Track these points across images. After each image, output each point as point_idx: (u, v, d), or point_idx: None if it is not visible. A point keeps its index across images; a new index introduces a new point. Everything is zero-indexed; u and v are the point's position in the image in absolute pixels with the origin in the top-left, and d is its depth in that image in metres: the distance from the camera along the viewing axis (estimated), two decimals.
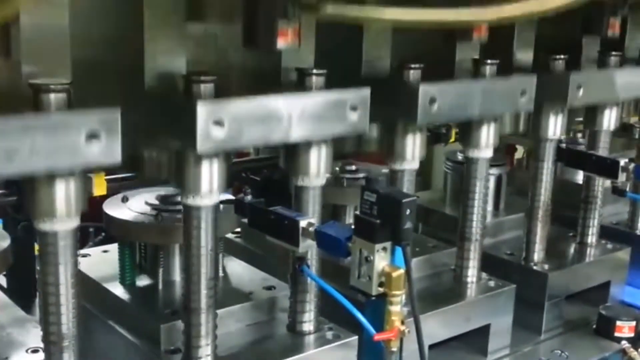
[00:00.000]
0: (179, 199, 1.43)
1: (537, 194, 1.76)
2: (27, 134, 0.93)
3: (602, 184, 1.88)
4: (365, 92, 1.25)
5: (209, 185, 1.17)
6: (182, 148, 1.15)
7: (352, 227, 1.16)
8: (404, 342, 1.18)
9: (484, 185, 1.62)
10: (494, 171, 1.94)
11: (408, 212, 1.10)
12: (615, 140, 1.94)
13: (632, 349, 1.70)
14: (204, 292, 1.22)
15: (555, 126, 1.69)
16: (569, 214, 1.95)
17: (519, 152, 2.61)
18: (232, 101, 1.11)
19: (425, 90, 1.35)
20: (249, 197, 1.34)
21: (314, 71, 1.25)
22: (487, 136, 1.56)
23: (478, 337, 1.62)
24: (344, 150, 1.49)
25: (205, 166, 1.15)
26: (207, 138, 1.08)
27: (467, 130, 1.57)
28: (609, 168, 1.74)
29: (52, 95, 1.00)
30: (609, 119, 1.82)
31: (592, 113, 1.82)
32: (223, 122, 1.09)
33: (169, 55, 1.20)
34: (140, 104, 1.17)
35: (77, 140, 0.97)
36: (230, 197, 1.44)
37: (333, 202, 1.71)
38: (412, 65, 1.39)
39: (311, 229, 1.20)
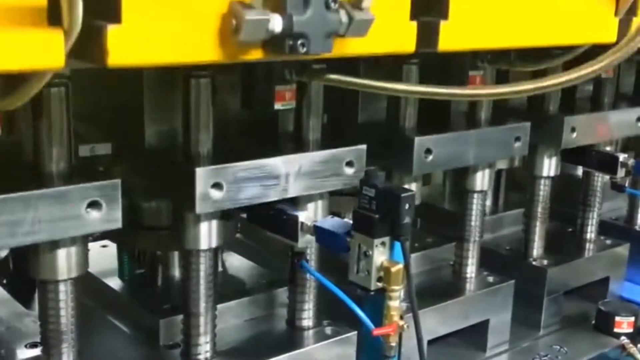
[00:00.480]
0: None
1: (535, 190, 1.76)
2: (29, 207, 0.95)
3: (601, 179, 1.88)
4: (361, 149, 1.27)
5: (208, 240, 1.19)
6: (180, 209, 1.18)
7: (351, 222, 1.16)
8: (402, 338, 1.18)
9: (483, 198, 1.63)
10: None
11: (407, 206, 1.10)
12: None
13: (631, 345, 1.69)
14: (203, 287, 1.22)
15: (549, 166, 1.73)
16: (567, 210, 1.95)
17: None
18: (231, 166, 1.13)
19: (420, 142, 1.37)
20: None
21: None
22: (482, 179, 1.58)
23: (477, 333, 1.62)
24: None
25: (204, 224, 1.18)
26: (206, 200, 1.11)
27: (462, 173, 1.59)
28: (608, 163, 1.74)
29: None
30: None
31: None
32: (222, 186, 1.12)
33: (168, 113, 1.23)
34: (140, 163, 1.22)
35: (79, 210, 0.99)
36: None
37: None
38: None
39: (310, 224, 1.20)
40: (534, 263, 1.77)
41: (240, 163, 1.14)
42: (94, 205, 1.00)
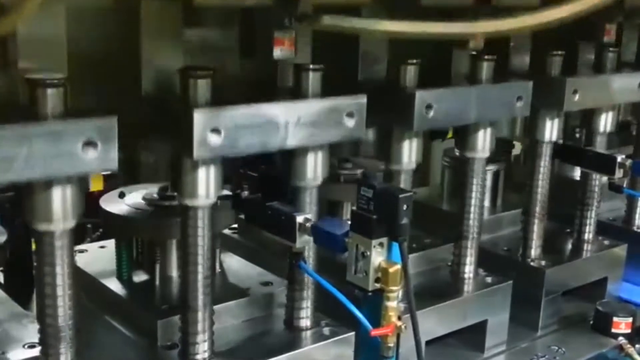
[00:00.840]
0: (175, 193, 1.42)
1: (534, 190, 1.76)
2: (24, 142, 0.94)
3: (599, 180, 1.88)
4: (362, 99, 1.26)
5: (206, 190, 1.17)
6: (178, 154, 1.15)
7: (349, 222, 1.16)
8: (400, 338, 1.19)
9: (482, 183, 1.62)
10: (492, 167, 1.95)
11: (405, 207, 1.10)
12: (612, 137, 1.93)
13: (628, 345, 1.70)
14: (200, 288, 1.22)
15: (551, 130, 1.71)
16: (566, 210, 1.95)
17: (517, 149, 2.60)
18: (229, 109, 1.11)
19: (421, 97, 1.36)
20: (246, 193, 1.34)
21: (311, 66, 1.25)
22: (484, 140, 1.57)
23: (475, 333, 1.62)
24: (341, 154, 1.50)
25: (201, 172, 1.16)
26: (204, 145, 1.09)
27: (463, 134, 1.58)
28: (606, 164, 1.74)
29: (49, 91, 0.99)
30: (605, 122, 1.82)
31: (588, 115, 1.82)
32: (220, 130, 1.10)
33: (166, 60, 1.21)
34: (137, 107, 1.19)
35: (74, 148, 0.98)
36: (227, 192, 1.44)
37: (329, 198, 1.71)
38: (409, 61, 1.39)
39: (308, 224, 1.20)
40: (532, 264, 1.77)
41: (240, 107, 1.12)
42: (89, 144, 0.98)
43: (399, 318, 1.15)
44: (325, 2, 1.18)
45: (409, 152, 1.44)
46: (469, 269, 1.65)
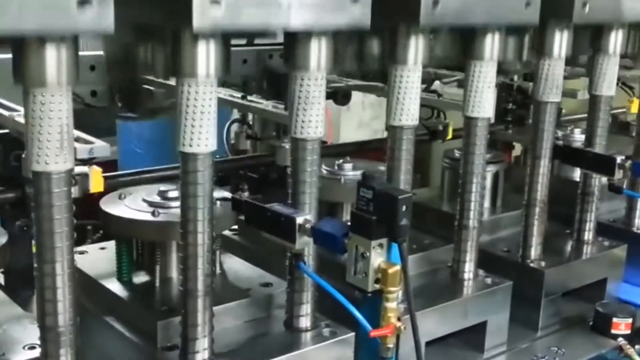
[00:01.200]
0: (175, 194, 1.43)
1: (533, 191, 1.76)
2: None
3: (598, 180, 1.88)
4: None
5: (206, 69, 1.13)
6: (177, 27, 1.12)
7: (349, 223, 1.17)
8: (400, 339, 1.19)
9: (484, 148, 1.60)
10: (491, 168, 1.95)
11: (404, 208, 1.11)
12: (612, 139, 1.93)
13: (628, 346, 1.70)
14: (200, 288, 1.23)
15: (560, 44, 1.65)
16: (565, 211, 1.95)
17: (517, 150, 2.61)
18: None
19: None
20: (245, 195, 1.34)
21: None
22: (492, 48, 1.51)
23: (475, 334, 1.62)
24: (345, 66, 1.45)
25: (202, 47, 1.12)
26: (204, 15, 1.05)
27: (470, 42, 1.53)
28: (605, 165, 1.74)
29: None
30: (615, 42, 1.77)
31: (597, 36, 1.77)
32: (220, 0, 1.06)
33: None
34: None
35: (69, 3, 0.96)
36: (227, 194, 1.44)
37: (330, 199, 1.71)
38: None
39: (308, 225, 1.21)
40: (531, 264, 1.77)
41: None
42: (85, 2, 0.96)
43: (399, 319, 1.15)
44: None
45: (416, 49, 1.39)
46: (468, 270, 1.65)
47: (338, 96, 2.29)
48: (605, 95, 1.83)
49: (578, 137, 2.19)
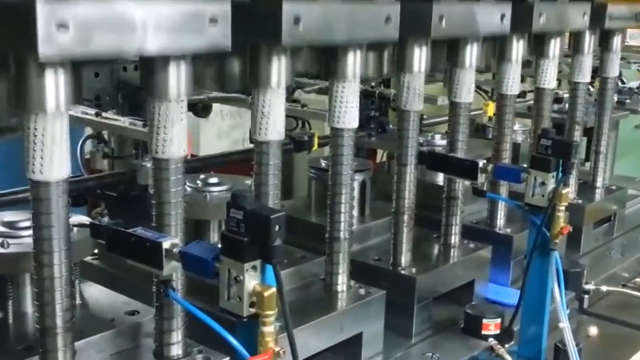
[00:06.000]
0: (27, 224, 1.32)
1: (401, 198, 1.77)
2: None
3: (462, 184, 1.92)
4: (226, 4, 1.17)
5: (55, 101, 1.05)
6: (21, 54, 1.03)
7: (219, 245, 1.11)
8: None
9: (351, 152, 1.59)
10: (358, 176, 1.94)
11: (277, 228, 1.06)
12: (469, 141, 1.97)
13: (499, 346, 1.73)
14: (59, 324, 1.14)
15: (420, 58, 1.68)
16: (431, 215, 1.97)
17: (379, 156, 2.63)
18: (78, 1, 0.99)
19: (289, 9, 1.28)
20: (105, 219, 1.25)
21: None
22: (354, 66, 1.51)
23: (350, 346, 1.60)
24: (205, 85, 1.41)
25: (49, 76, 1.04)
26: (50, 42, 0.97)
27: (332, 61, 1.52)
28: (468, 169, 1.77)
29: None
30: (471, 55, 1.82)
31: (454, 50, 1.82)
32: (68, 25, 0.98)
33: None
34: None
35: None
36: (85, 218, 1.34)
37: (196, 217, 1.64)
38: None
39: (175, 250, 1.14)
40: (402, 272, 1.77)
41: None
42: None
43: (276, 342, 1.10)
44: None
45: (278, 70, 1.36)
46: (341, 282, 1.63)
47: (198, 108, 2.22)
48: (464, 102, 1.86)
49: (439, 142, 2.23)
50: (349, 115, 1.55)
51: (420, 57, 1.68)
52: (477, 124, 2.65)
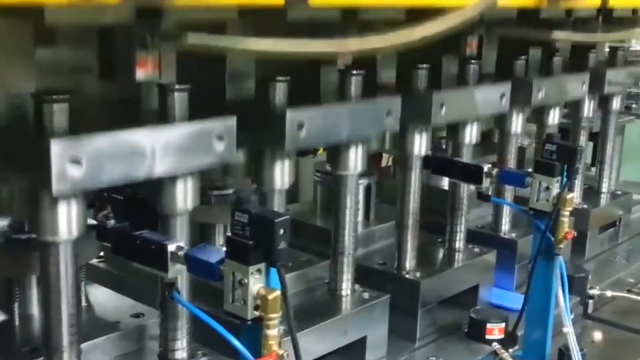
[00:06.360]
0: None
1: (405, 203, 1.77)
2: None
3: (467, 189, 1.92)
4: (231, 121, 1.21)
5: (68, 228, 1.10)
6: (35, 189, 1.07)
7: (224, 248, 1.11)
8: None
9: (355, 199, 1.61)
10: (363, 181, 1.94)
11: (282, 231, 1.06)
12: (475, 146, 1.97)
13: (502, 350, 1.73)
14: (65, 326, 1.14)
15: (420, 144, 1.73)
16: (436, 220, 1.98)
17: (384, 160, 2.63)
18: (90, 137, 1.04)
19: (292, 116, 1.32)
20: (111, 222, 1.26)
21: (177, 87, 1.19)
22: (355, 158, 1.56)
23: (355, 350, 1.60)
24: (210, 178, 1.45)
25: (62, 207, 1.08)
26: (63, 178, 1.01)
27: (335, 153, 1.56)
28: (473, 174, 1.77)
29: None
30: (470, 134, 1.86)
31: (454, 128, 1.85)
32: (81, 161, 1.02)
33: (16, 82, 1.12)
34: None
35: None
36: (91, 222, 1.35)
37: (201, 220, 1.65)
38: (278, 78, 1.36)
39: (180, 253, 1.14)
40: (407, 276, 1.78)
41: (101, 134, 1.05)
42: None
43: (280, 345, 1.11)
44: (189, 18, 1.12)
45: (282, 172, 1.40)
46: (346, 286, 1.64)
47: None
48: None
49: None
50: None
51: (420, 141, 1.73)
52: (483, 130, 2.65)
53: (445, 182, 2.11)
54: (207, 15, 1.14)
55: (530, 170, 1.73)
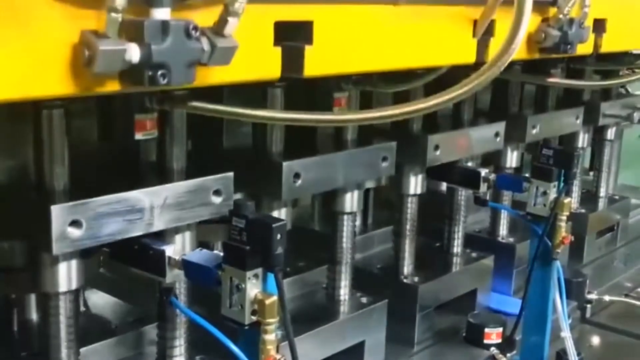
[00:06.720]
0: None
1: (404, 207, 1.77)
2: None
3: (464, 194, 1.92)
4: (229, 176, 1.23)
5: (68, 282, 1.12)
6: (36, 249, 1.09)
7: (221, 254, 1.12)
8: None
9: (353, 218, 1.62)
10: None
11: (279, 236, 1.07)
12: None
13: (500, 355, 1.74)
14: (64, 332, 1.15)
15: (416, 184, 1.76)
16: (434, 224, 1.98)
17: None
18: (90, 201, 1.05)
19: (289, 167, 1.34)
20: None
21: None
22: (352, 200, 1.58)
23: (353, 354, 1.61)
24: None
25: (62, 265, 1.11)
26: (64, 240, 1.03)
27: (331, 196, 1.58)
28: (470, 179, 1.78)
29: None
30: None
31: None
32: (81, 223, 1.04)
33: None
34: None
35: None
36: None
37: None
38: None
39: (178, 257, 1.15)
40: (405, 280, 1.78)
41: (101, 198, 1.07)
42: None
43: (277, 350, 1.11)
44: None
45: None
46: (344, 291, 1.64)
47: None
48: None
49: None
50: None
51: (416, 182, 1.76)
52: None
53: (443, 186, 2.11)
54: None
55: (527, 175, 1.74)
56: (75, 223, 1.04)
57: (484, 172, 1.76)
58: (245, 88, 1.32)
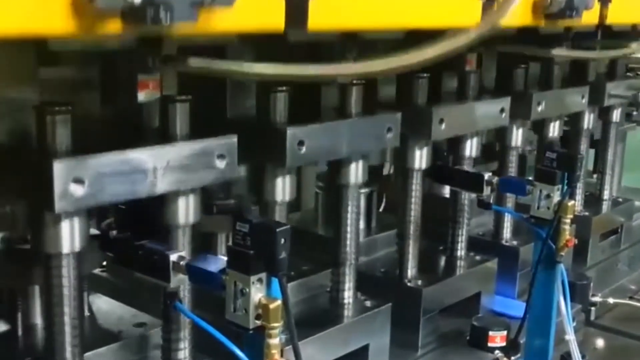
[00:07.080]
0: None
1: (407, 211, 1.78)
2: None
3: (468, 197, 1.92)
4: (232, 139, 1.22)
5: (71, 242, 1.11)
6: (37, 208, 1.08)
7: (225, 258, 1.12)
8: None
9: (356, 210, 1.61)
10: (365, 189, 1.95)
11: (283, 241, 1.07)
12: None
13: (505, 358, 1.73)
14: (68, 336, 1.15)
15: (420, 158, 1.74)
16: (438, 228, 1.98)
17: (386, 168, 2.63)
18: (93, 157, 1.05)
19: (293, 133, 1.34)
20: (114, 232, 1.27)
21: (178, 97, 1.20)
22: (356, 172, 1.56)
23: (357, 358, 1.60)
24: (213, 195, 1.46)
25: (65, 225, 1.09)
26: (66, 197, 1.02)
27: (336, 167, 1.57)
28: (474, 182, 1.78)
29: None
30: (470, 147, 1.87)
31: (455, 142, 1.87)
32: (83, 180, 1.03)
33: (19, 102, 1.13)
34: None
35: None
36: (94, 231, 1.36)
37: (202, 230, 1.65)
38: (278, 89, 1.37)
39: (182, 262, 1.15)
40: (408, 284, 1.78)
41: (104, 155, 1.06)
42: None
43: (282, 354, 1.11)
44: (190, 42, 1.14)
45: (283, 187, 1.41)
46: (348, 295, 1.64)
47: None
48: None
49: None
50: None
51: (421, 156, 1.74)
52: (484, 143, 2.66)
53: (446, 190, 2.11)
54: (208, 39, 1.16)
55: (531, 178, 1.74)
56: (77, 181, 1.02)
57: (487, 175, 1.76)
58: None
